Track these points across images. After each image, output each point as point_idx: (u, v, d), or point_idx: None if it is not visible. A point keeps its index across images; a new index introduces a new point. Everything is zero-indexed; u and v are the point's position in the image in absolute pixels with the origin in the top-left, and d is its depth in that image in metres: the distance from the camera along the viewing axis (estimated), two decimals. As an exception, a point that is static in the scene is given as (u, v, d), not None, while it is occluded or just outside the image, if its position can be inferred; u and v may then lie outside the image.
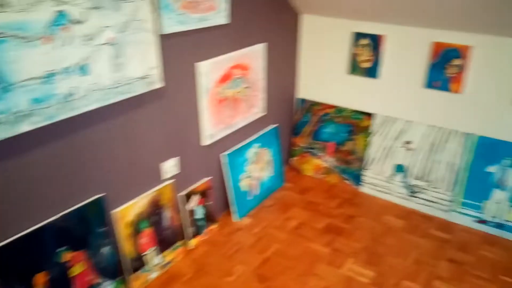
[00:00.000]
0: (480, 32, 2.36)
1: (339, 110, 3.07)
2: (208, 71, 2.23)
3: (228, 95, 2.43)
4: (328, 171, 3.19)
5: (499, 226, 2.58)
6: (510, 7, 2.01)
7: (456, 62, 2.50)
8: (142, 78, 1.83)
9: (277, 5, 2.69)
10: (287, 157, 3.36)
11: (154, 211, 2.15)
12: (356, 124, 3.02)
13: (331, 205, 2.90)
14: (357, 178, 3.08)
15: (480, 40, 2.40)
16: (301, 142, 3.27)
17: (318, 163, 3.22)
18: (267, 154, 2.92)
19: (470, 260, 2.38)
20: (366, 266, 2.33)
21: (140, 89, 1.84)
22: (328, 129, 3.14)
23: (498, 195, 2.56)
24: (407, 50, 2.66)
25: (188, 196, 2.35)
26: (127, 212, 2.01)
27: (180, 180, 2.30)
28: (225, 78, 2.36)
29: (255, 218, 2.72)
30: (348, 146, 3.07)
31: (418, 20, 2.47)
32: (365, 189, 3.05)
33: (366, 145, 2.99)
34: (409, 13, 2.42)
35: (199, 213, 2.43)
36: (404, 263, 2.35)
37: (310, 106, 3.20)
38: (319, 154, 3.21)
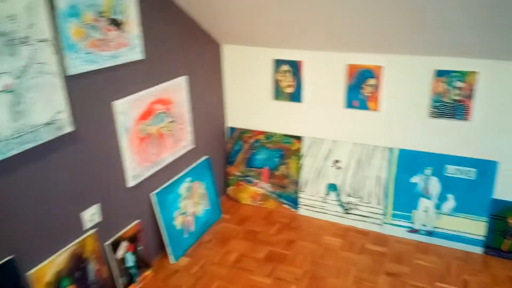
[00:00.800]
0: (388, 52, 2.51)
1: (269, 135, 3.09)
2: (127, 109, 2.12)
3: (152, 132, 2.34)
4: (265, 197, 3.17)
5: (430, 233, 2.70)
6: (414, 28, 2.16)
7: (371, 82, 2.63)
8: (49, 124, 1.69)
9: (196, 37, 2.68)
10: (223, 187, 3.30)
11: (77, 266, 1.96)
12: (286, 148, 3.05)
13: (271, 232, 2.86)
14: (294, 202, 3.08)
15: (389, 60, 2.55)
16: (236, 170, 3.23)
17: (255, 190, 3.19)
18: (201, 188, 2.83)
19: (406, 271, 2.45)
20: (309, 292, 2.30)
21: (47, 135, 1.69)
22: (261, 156, 3.14)
23: (424, 203, 2.69)
24: (325, 74, 2.76)
25: (116, 244, 2.19)
26: (44, 271, 1.81)
27: (104, 227, 2.14)
28: (146, 114, 2.27)
29: (193, 256, 2.60)
30: (282, 170, 3.08)
31: (332, 45, 2.58)
32: (302, 211, 3.06)
33: (298, 168, 3.02)
34: (323, 39, 2.52)
35: (130, 260, 2.26)
36: (344, 283, 2.36)
37: (240, 134, 3.19)
38: (255, 181, 3.18)
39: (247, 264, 2.53)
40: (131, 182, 2.23)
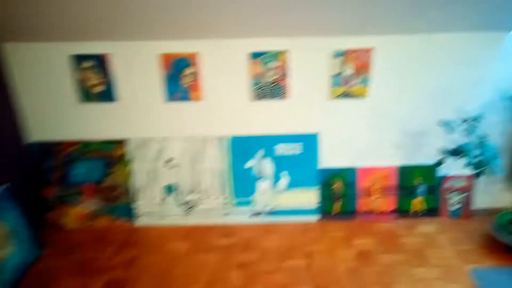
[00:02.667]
0: (202, 37, 2.36)
1: (86, 144, 2.63)
2: None
3: None
4: (94, 216, 2.72)
5: (271, 213, 2.73)
6: (223, 11, 2.03)
7: (189, 70, 2.44)
8: None
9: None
10: (39, 216, 2.70)
11: None
12: (109, 155, 2.65)
13: (107, 255, 2.47)
14: (129, 213, 2.73)
15: (204, 45, 2.40)
16: (52, 192, 2.68)
17: (80, 211, 2.71)
18: (1, 227, 2.23)
19: (256, 257, 2.41)
20: (159, 314, 2.04)
21: None
22: (80, 169, 2.66)
23: (262, 185, 2.69)
24: (137, 66, 2.45)
25: None
26: None
27: None
28: None
29: (5, 316, 2.04)
30: (109, 181, 2.68)
31: (141, 33, 2.28)
32: (141, 221, 2.74)
33: (127, 175, 2.67)
34: (129, 26, 2.19)
35: None
36: (198, 290, 2.18)
37: (49, 148, 2.64)
38: (77, 200, 2.70)
39: (81, 303, 2.11)
40: None
